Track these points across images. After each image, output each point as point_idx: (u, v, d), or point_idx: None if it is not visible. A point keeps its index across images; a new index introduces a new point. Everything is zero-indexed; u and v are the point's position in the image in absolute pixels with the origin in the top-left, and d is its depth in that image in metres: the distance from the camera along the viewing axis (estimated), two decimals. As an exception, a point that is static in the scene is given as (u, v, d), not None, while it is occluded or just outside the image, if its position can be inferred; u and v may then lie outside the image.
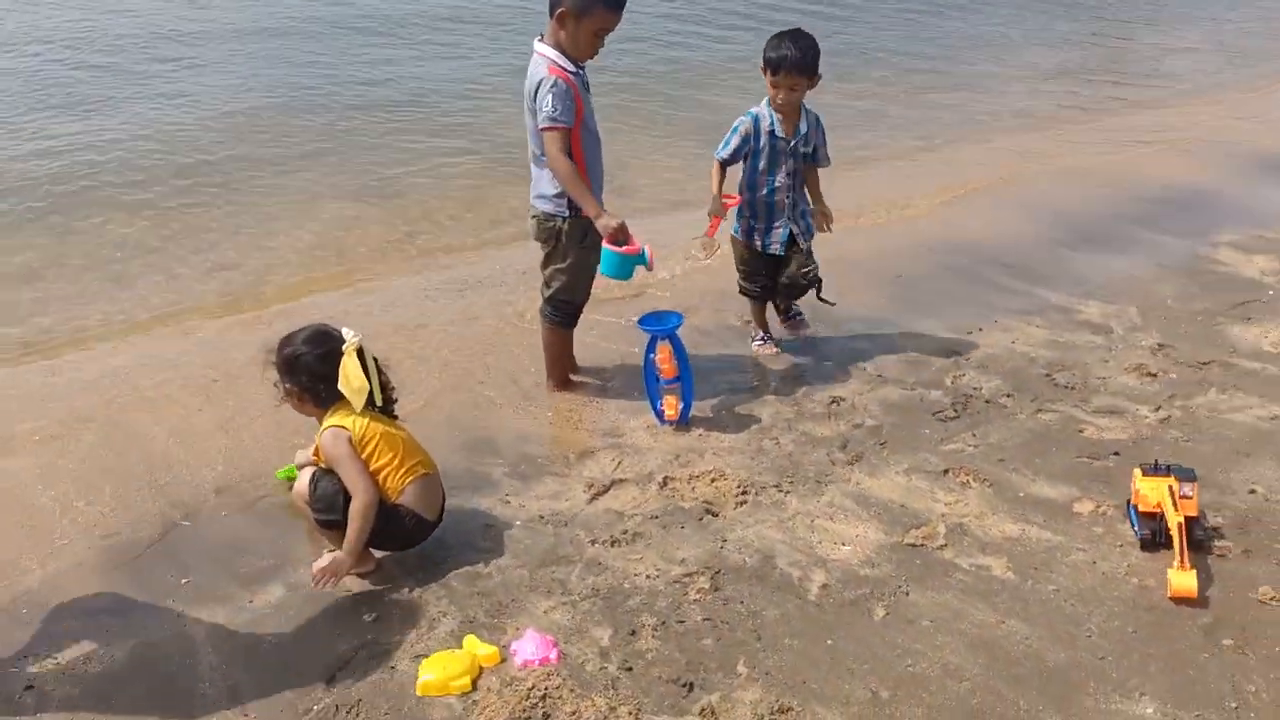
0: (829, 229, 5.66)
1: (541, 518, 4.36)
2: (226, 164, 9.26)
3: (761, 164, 5.41)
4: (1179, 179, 8.89)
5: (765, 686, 3.43)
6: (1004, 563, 4.00)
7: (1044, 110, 11.77)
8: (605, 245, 4.73)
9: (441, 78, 12.09)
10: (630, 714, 3.32)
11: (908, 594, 3.85)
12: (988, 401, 5.19)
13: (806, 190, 5.58)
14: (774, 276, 5.65)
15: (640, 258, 4.75)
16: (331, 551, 3.88)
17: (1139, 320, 6.10)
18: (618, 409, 5.21)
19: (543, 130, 4.75)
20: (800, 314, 5.93)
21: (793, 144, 5.36)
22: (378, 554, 4.10)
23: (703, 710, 3.34)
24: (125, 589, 3.96)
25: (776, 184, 5.42)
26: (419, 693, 3.44)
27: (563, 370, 5.42)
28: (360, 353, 3.99)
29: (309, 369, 4.00)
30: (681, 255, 6.82)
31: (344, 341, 3.98)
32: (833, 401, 5.23)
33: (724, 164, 5.47)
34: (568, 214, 4.94)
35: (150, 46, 13.02)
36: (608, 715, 3.31)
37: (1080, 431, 4.90)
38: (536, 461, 4.78)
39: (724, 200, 5.41)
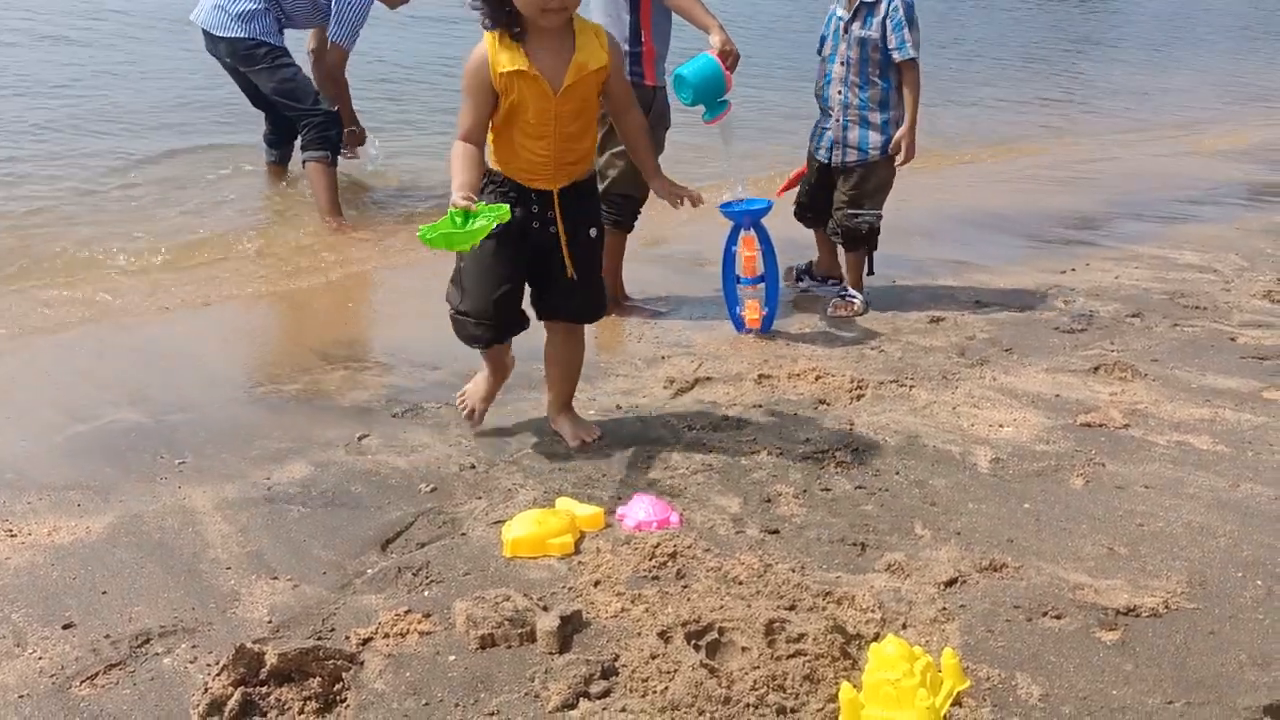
0: (898, 158, 4.39)
1: (619, 407, 3.57)
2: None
3: (824, 48, 4.47)
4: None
5: (961, 545, 2.65)
6: (1207, 440, 3.28)
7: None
8: (710, 53, 3.80)
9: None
10: (793, 570, 2.51)
11: (1104, 465, 3.11)
12: (1113, 319, 4.50)
13: (894, 92, 4.35)
14: (830, 200, 4.56)
15: (724, 102, 3.92)
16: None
17: (1244, 263, 5.50)
18: (683, 325, 4.44)
19: None
20: (850, 295, 4.63)
21: (847, 23, 4.30)
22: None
23: (890, 566, 2.54)
24: (100, 471, 3.09)
25: (831, 74, 4.41)
26: (506, 554, 2.61)
27: (613, 287, 4.57)
28: None
29: None
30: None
31: None
32: (933, 320, 4.51)
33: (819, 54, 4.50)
34: (630, 79, 4.13)
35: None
36: (763, 573, 2.50)
37: (1233, 340, 4.23)
38: (596, 365, 3.97)
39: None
